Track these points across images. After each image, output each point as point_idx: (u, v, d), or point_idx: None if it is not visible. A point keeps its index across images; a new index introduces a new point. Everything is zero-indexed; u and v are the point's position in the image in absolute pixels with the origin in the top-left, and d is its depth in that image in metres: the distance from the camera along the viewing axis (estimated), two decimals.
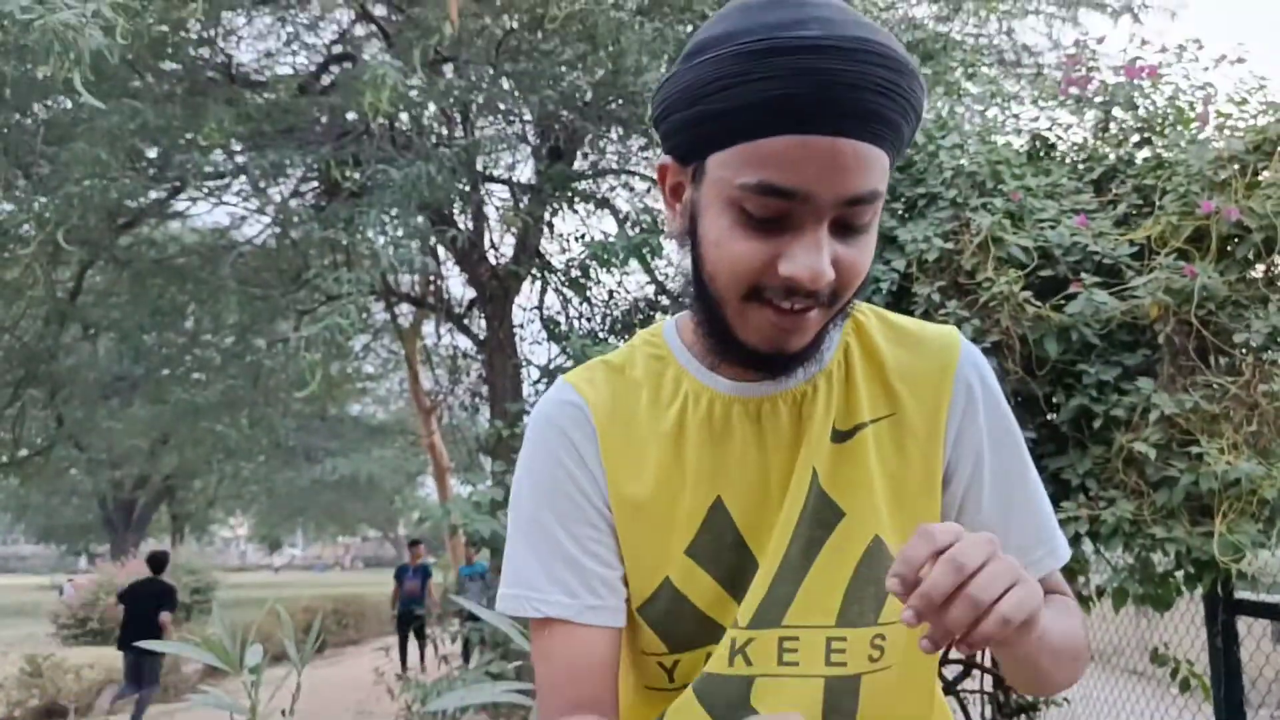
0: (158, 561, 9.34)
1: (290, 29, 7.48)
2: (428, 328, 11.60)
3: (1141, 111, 3.42)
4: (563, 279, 7.93)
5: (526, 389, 7.89)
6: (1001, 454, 1.05)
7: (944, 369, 1.03)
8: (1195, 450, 2.69)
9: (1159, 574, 2.88)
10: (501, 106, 7.60)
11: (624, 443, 1.02)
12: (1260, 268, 2.96)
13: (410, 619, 11.80)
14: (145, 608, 8.76)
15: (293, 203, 7.49)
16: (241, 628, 2.42)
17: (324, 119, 6.40)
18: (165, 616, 8.65)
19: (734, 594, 1.00)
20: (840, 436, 1.00)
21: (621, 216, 8.00)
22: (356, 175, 6.01)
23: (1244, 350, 2.87)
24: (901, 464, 1.01)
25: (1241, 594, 3.12)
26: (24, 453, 10.32)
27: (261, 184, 6.95)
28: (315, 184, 7.64)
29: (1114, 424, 2.87)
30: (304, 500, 25.94)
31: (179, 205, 8.43)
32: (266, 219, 7.83)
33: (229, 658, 2.28)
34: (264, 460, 20.77)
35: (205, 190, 7.42)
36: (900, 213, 3.45)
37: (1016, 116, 3.86)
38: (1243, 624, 3.18)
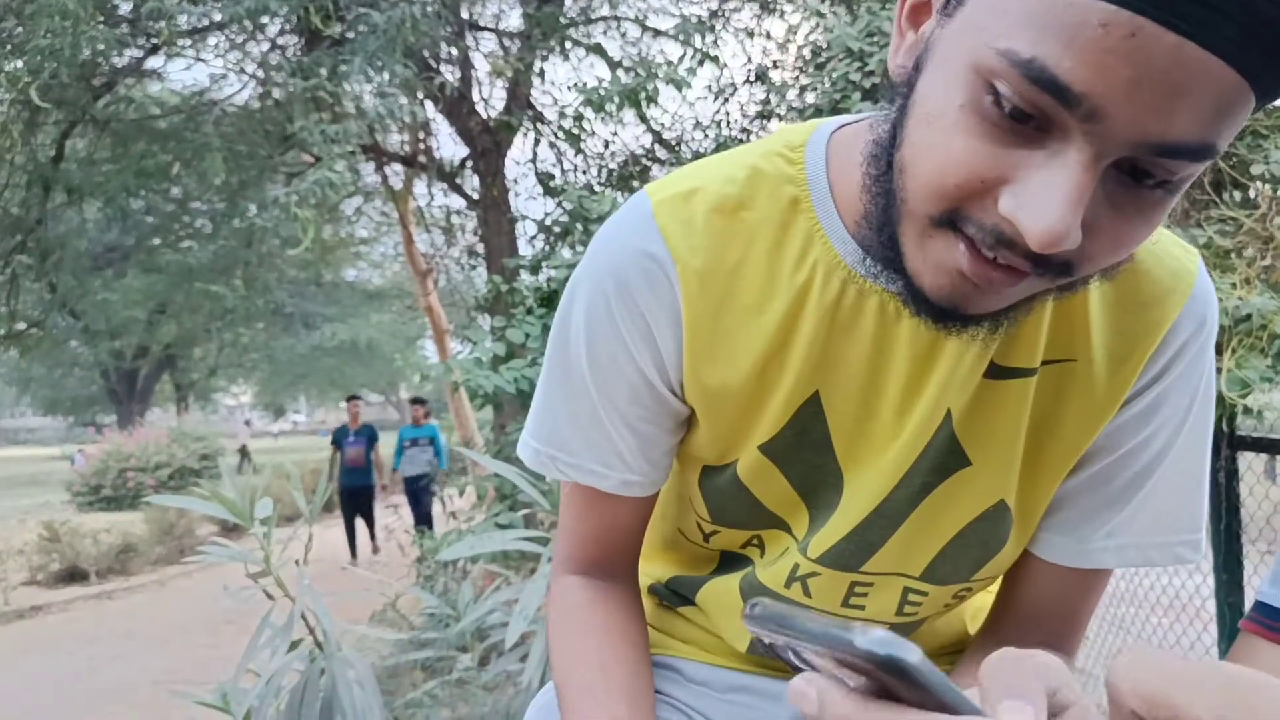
0: None
1: None
2: (419, 188, 11.39)
3: None
4: (556, 131, 7.73)
5: (523, 246, 7.79)
6: (1181, 431, 0.80)
7: (1158, 322, 0.77)
8: None
9: None
10: None
11: (715, 319, 0.78)
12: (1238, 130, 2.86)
13: (353, 494, 9.86)
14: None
15: (273, 57, 7.23)
16: (250, 489, 2.42)
17: None
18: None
19: (807, 500, 0.84)
20: (997, 373, 0.77)
21: (615, 62, 7.75)
22: (339, 26, 5.77)
23: (1262, 182, 2.80)
24: (1058, 422, 0.80)
25: (1244, 431, 3.14)
26: (21, 326, 10.30)
27: (239, 38, 6.68)
28: (295, 37, 7.37)
29: None
30: (304, 366, 26.11)
31: (156, 64, 8.16)
32: (246, 77, 7.58)
33: (240, 511, 2.29)
34: (262, 327, 20.85)
35: (182, 46, 7.15)
36: None
37: None
38: (1242, 461, 3.21)
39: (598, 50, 7.90)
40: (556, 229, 5.95)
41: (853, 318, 0.76)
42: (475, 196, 9.03)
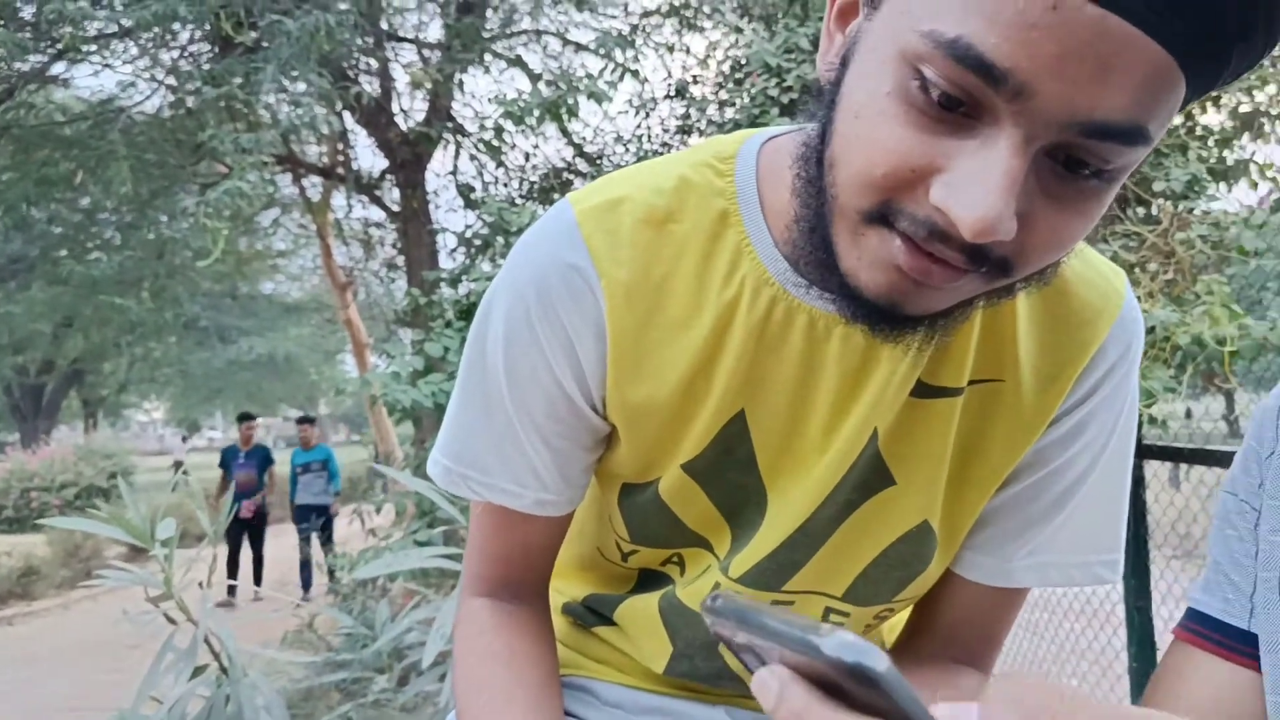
0: None
1: None
2: (338, 200, 11.20)
3: None
4: (477, 143, 7.67)
5: (443, 258, 7.70)
6: (1105, 452, 0.80)
7: (1087, 343, 0.76)
8: None
9: None
10: None
11: (640, 334, 0.75)
12: (1179, 116, 2.96)
13: (240, 522, 8.50)
14: None
15: (183, 65, 7.05)
16: (159, 508, 2.33)
17: None
18: None
19: (730, 519, 0.82)
20: (925, 392, 0.75)
21: (536, 75, 7.72)
22: (252, 33, 5.64)
23: (1163, 199, 2.89)
24: (984, 442, 0.78)
25: (1149, 440, 3.24)
26: None
27: (149, 45, 6.49)
28: (207, 45, 7.19)
29: None
30: (220, 381, 25.42)
31: (61, 70, 7.89)
32: (156, 85, 7.37)
33: (139, 532, 2.20)
34: (175, 341, 20.26)
35: (88, 52, 6.93)
36: None
37: None
38: (1148, 469, 3.31)
39: (518, 63, 7.88)
40: (477, 242, 5.89)
41: (781, 335, 0.74)
42: (395, 209, 8.91)
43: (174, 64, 7.14)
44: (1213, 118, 2.99)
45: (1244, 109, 2.93)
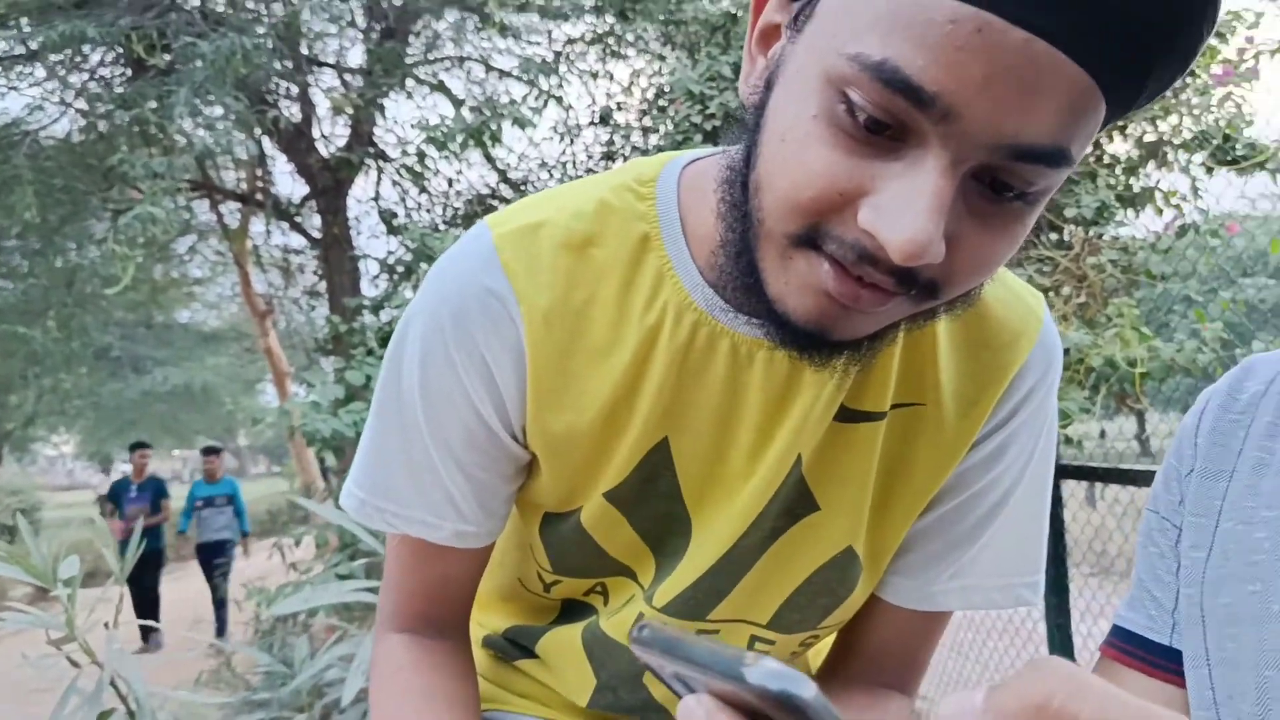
0: None
1: None
2: (257, 226, 10.99)
3: None
4: (400, 169, 7.60)
5: (366, 285, 7.59)
6: (1025, 474, 0.81)
7: (1006, 366, 0.76)
8: None
9: None
10: None
11: (561, 361, 0.74)
12: (1089, 145, 3.06)
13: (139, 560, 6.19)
14: None
15: (94, 87, 6.86)
16: (66, 545, 2.23)
17: None
18: None
19: (654, 548, 0.81)
20: (847, 416, 0.75)
21: (459, 101, 7.69)
22: (166, 56, 5.51)
23: (1075, 225, 2.97)
24: (907, 466, 0.78)
25: (1065, 461, 3.31)
26: None
27: (58, 67, 6.29)
28: (119, 68, 7.02)
29: None
30: (134, 413, 24.65)
31: None
32: (65, 108, 7.16)
33: (39, 572, 2.10)
34: (87, 372, 19.61)
35: None
36: None
37: None
38: (1065, 488, 3.38)
39: (442, 88, 7.83)
40: (400, 268, 5.83)
41: (704, 361, 0.73)
42: (316, 235, 8.76)
43: (84, 86, 6.95)
44: (1120, 146, 3.10)
45: (1149, 138, 3.03)
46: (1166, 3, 0.49)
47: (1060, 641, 3.29)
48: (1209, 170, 2.99)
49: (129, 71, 6.97)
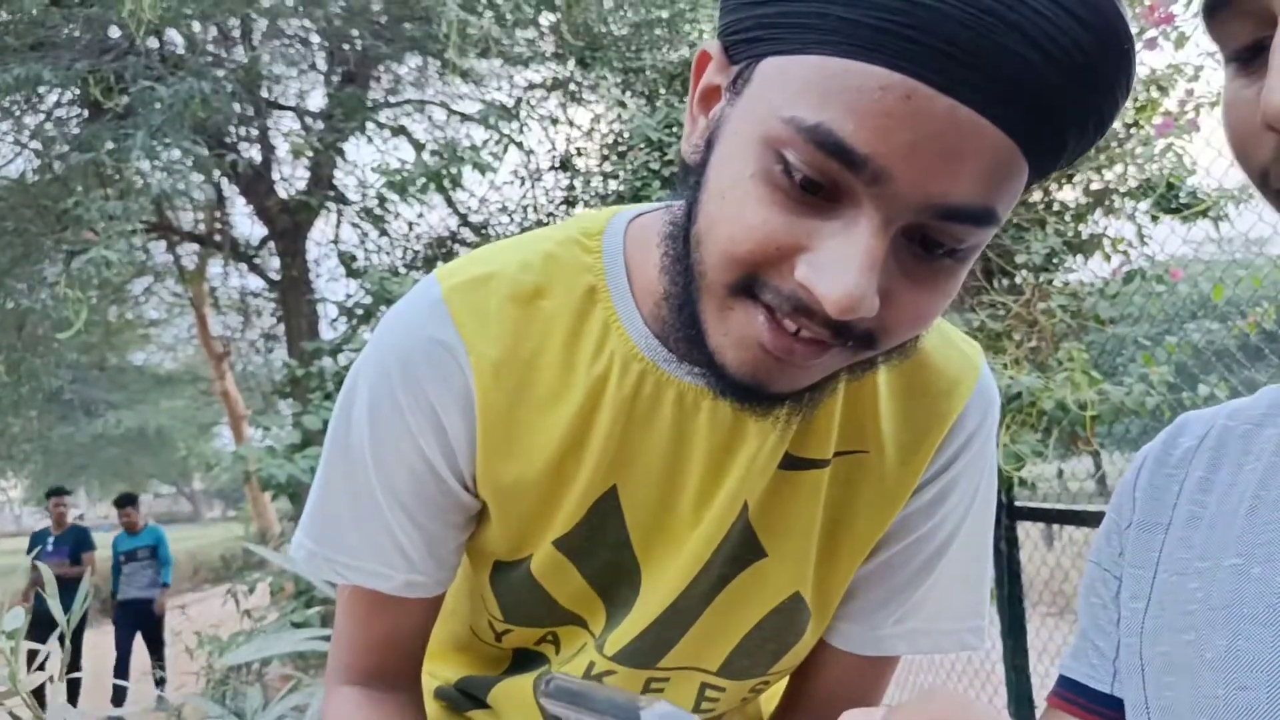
0: None
1: None
2: (214, 268, 10.90)
3: None
4: (360, 211, 7.59)
5: (325, 328, 7.53)
6: (966, 520, 0.83)
7: (946, 414, 0.79)
8: None
9: None
10: (286, 31, 7.11)
11: (510, 411, 0.75)
12: (1038, 193, 3.13)
13: (52, 621, 4.08)
14: None
15: (49, 128, 6.80)
16: (9, 594, 2.17)
17: (82, 35, 5.79)
18: None
19: (604, 596, 0.81)
20: (792, 464, 0.77)
21: (420, 145, 7.70)
22: (124, 99, 5.49)
23: (1025, 270, 3.03)
24: (852, 512, 0.80)
25: (1021, 502, 3.35)
26: None
27: (13, 108, 6.23)
28: (76, 109, 6.96)
29: None
30: (85, 457, 24.20)
31: None
32: (20, 149, 7.09)
33: None
34: (36, 416, 19.22)
35: None
36: None
37: None
38: (1021, 530, 3.42)
39: (402, 132, 7.85)
40: (359, 311, 5.79)
41: (651, 410, 0.75)
42: (274, 277, 8.70)
43: (39, 128, 6.88)
44: (1068, 194, 3.17)
45: (1095, 186, 3.11)
46: (1081, 73, 0.52)
47: (1017, 683, 3.31)
48: (1154, 218, 3.07)
49: (85, 113, 6.93)
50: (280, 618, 4.56)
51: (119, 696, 7.00)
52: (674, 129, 3.51)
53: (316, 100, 8.24)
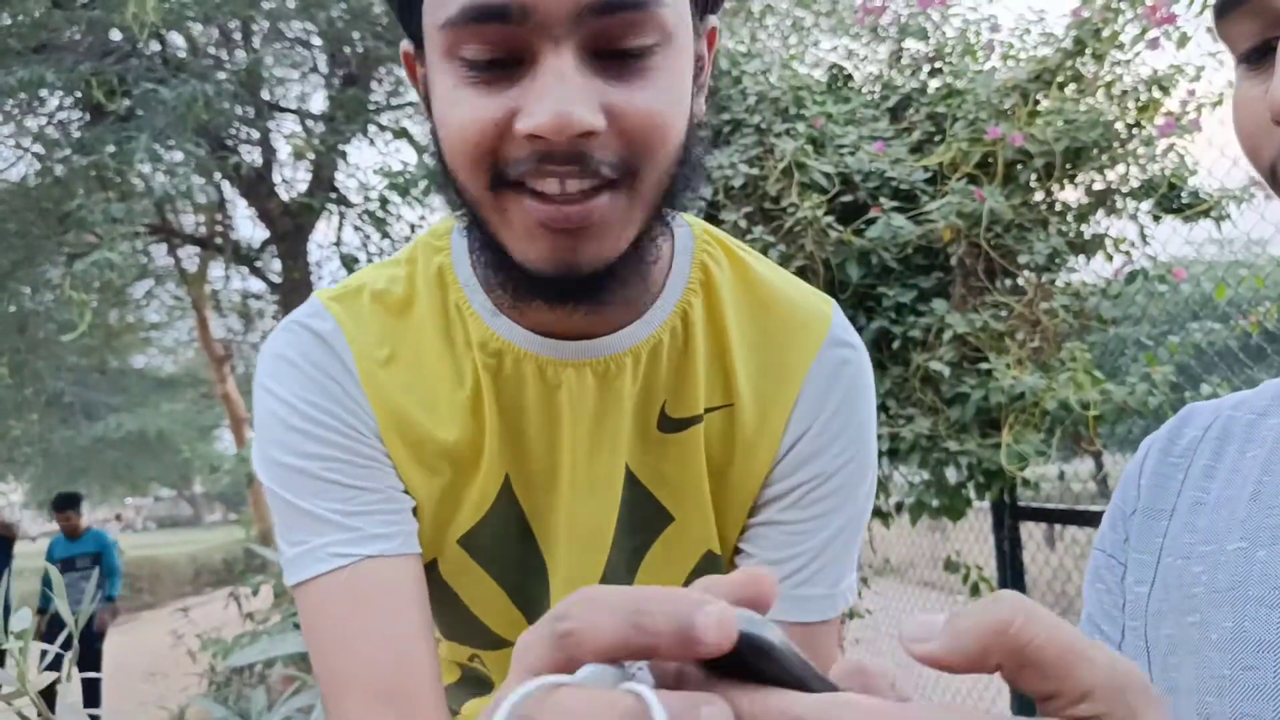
0: None
1: None
2: (215, 271, 10.91)
3: (932, 42, 3.53)
4: (361, 214, 7.59)
5: None
6: (833, 466, 0.82)
7: (796, 365, 0.80)
8: (985, 367, 2.83)
9: (952, 486, 3.04)
10: (287, 33, 7.12)
11: (406, 398, 0.78)
12: (1040, 193, 3.13)
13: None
14: None
15: (51, 131, 6.80)
16: (16, 597, 2.18)
17: (85, 38, 5.80)
18: None
19: (516, 598, 0.80)
20: (670, 426, 0.79)
21: (422, 146, 7.71)
22: (126, 101, 5.49)
23: (1028, 271, 3.03)
24: (729, 465, 0.82)
25: (1024, 503, 3.36)
26: None
27: (14, 111, 6.23)
28: (78, 111, 6.97)
29: (911, 344, 2.98)
30: (85, 460, 24.14)
31: None
32: (22, 151, 7.09)
33: None
34: (37, 419, 19.22)
35: None
36: (705, 139, 3.44)
37: (816, 44, 3.93)
38: (1024, 530, 3.43)
39: (404, 134, 7.86)
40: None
41: (518, 389, 0.77)
42: (276, 280, 8.71)
43: (41, 131, 6.89)
44: (1070, 194, 3.17)
45: (1097, 186, 3.11)
46: None
47: None
48: (1156, 218, 3.07)
49: (87, 115, 6.93)
50: (283, 620, 4.56)
51: None
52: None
53: (318, 103, 8.25)
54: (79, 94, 5.92)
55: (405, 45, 0.75)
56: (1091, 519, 3.11)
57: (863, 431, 0.82)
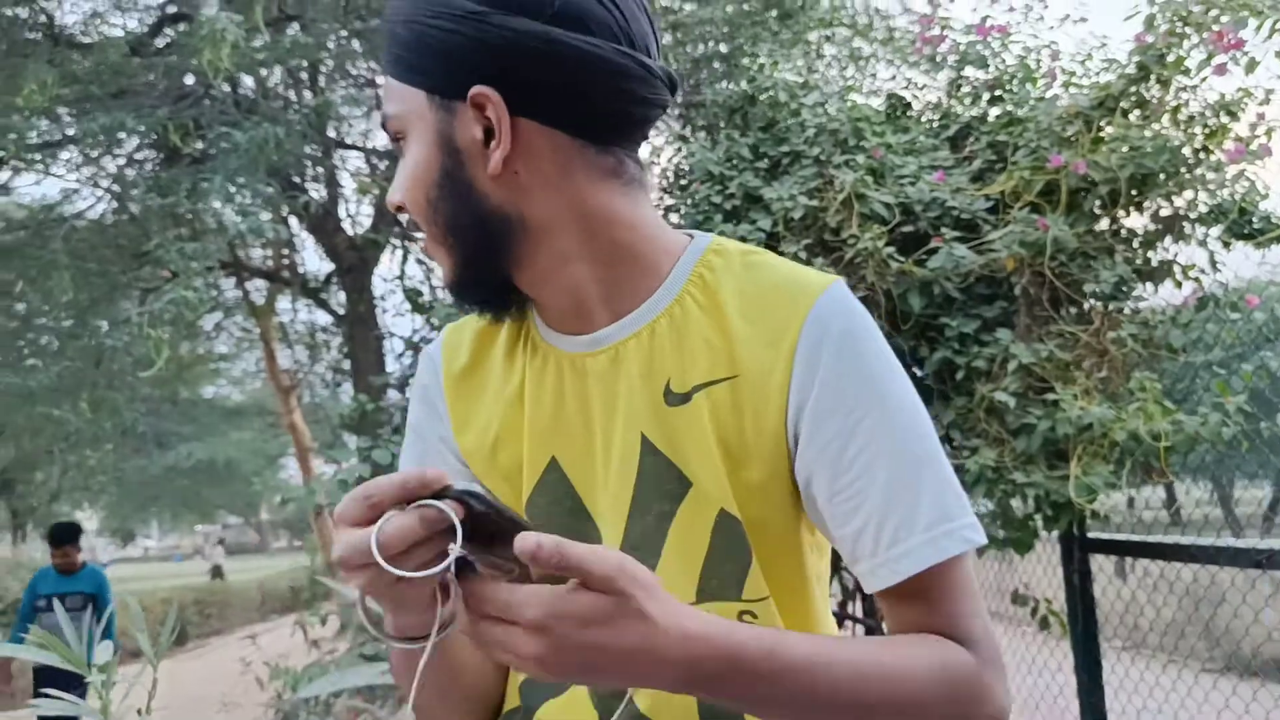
0: None
1: None
2: (283, 303, 11.17)
3: (992, 69, 3.52)
4: (424, 248, 7.72)
5: (390, 362, 7.67)
6: (854, 416, 0.84)
7: (787, 326, 0.87)
8: (1051, 397, 2.79)
9: (1019, 518, 3.00)
10: (352, 71, 7.30)
11: (469, 394, 1.01)
12: (1106, 220, 3.09)
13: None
14: None
15: (129, 172, 7.04)
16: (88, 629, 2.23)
17: (161, 82, 6.02)
18: None
19: None
20: (676, 399, 0.89)
21: None
22: (200, 144, 5.67)
23: (1094, 299, 2.99)
24: (739, 431, 0.87)
25: (1094, 534, 3.29)
26: None
27: (94, 153, 6.46)
28: (153, 152, 7.20)
29: (975, 375, 2.95)
30: (157, 488, 24.72)
31: (3, 180, 7.81)
32: (100, 192, 7.35)
33: (74, 659, 2.11)
34: (111, 448, 19.73)
35: (31, 160, 6.89)
36: (764, 172, 3.46)
37: (874, 76, 3.93)
38: (1094, 562, 3.35)
39: None
40: (424, 346, 5.88)
41: (557, 381, 0.94)
42: (341, 312, 8.88)
43: (119, 171, 7.13)
44: (1136, 221, 3.13)
45: (1164, 213, 3.06)
46: (401, 20, 0.87)
47: (1093, 718, 3.23)
48: (1226, 244, 3.01)
49: (161, 155, 7.17)
50: (351, 650, 4.62)
51: None
52: (734, 162, 3.53)
53: (382, 138, 8.43)
54: (155, 136, 6.13)
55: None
56: (1164, 551, 3.04)
57: (873, 378, 0.85)
